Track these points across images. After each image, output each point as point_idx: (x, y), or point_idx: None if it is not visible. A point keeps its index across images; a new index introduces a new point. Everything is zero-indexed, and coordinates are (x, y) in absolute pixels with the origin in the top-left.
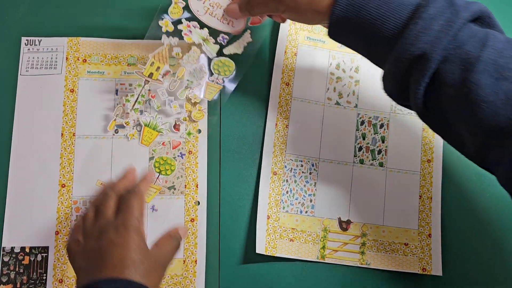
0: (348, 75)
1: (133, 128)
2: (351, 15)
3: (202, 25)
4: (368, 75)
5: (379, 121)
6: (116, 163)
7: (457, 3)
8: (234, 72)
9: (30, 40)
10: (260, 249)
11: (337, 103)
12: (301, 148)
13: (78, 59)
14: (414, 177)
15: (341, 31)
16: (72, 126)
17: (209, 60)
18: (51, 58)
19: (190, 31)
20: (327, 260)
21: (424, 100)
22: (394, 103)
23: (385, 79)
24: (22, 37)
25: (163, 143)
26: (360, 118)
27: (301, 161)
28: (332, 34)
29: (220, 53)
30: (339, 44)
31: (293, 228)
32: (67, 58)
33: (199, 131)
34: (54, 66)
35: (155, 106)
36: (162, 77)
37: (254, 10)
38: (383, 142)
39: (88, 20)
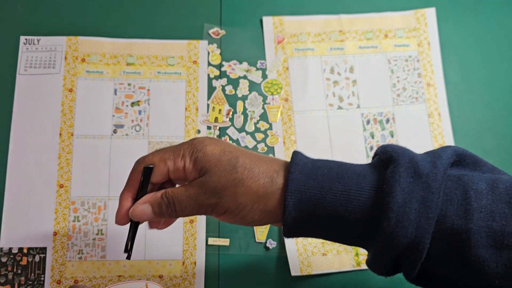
0: (344, 77)
1: None
2: (307, 211)
3: (241, 61)
4: (363, 73)
5: (384, 116)
6: (115, 163)
7: (423, 171)
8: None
9: (29, 39)
10: (295, 271)
11: (339, 107)
12: None
13: (76, 59)
14: None
15: (299, 231)
16: (71, 126)
17: (259, 86)
18: (50, 57)
19: (233, 69)
20: (363, 266)
21: (420, 277)
22: (395, 95)
23: (371, 265)
24: (21, 36)
25: None
26: (365, 117)
27: None
28: (289, 235)
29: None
30: (329, 48)
31: (323, 242)
32: (65, 58)
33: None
34: (53, 66)
35: None
36: (226, 117)
37: (177, 213)
38: (392, 136)
39: (87, 19)
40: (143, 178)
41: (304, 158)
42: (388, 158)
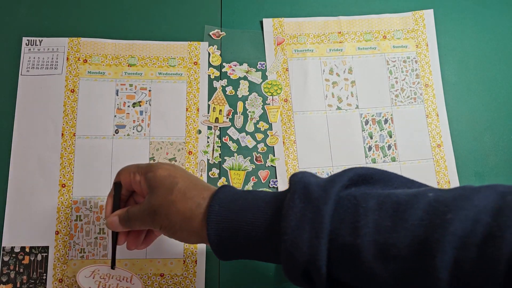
0: (343, 77)
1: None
2: (226, 236)
3: (241, 62)
4: (362, 74)
5: (383, 117)
6: (116, 163)
7: (313, 195)
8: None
9: (31, 40)
10: None
11: (338, 108)
12: (313, 160)
13: (78, 60)
14: (428, 165)
15: (227, 252)
16: (73, 126)
17: (259, 86)
18: (52, 58)
19: (233, 70)
20: None
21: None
22: (393, 95)
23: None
24: (23, 37)
25: (253, 178)
26: (364, 118)
27: (316, 173)
28: (221, 257)
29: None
30: (328, 49)
31: None
32: (67, 59)
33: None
34: (55, 66)
35: (232, 148)
36: (227, 117)
37: (132, 225)
38: (390, 137)
39: (89, 20)
40: (115, 192)
41: (227, 192)
42: (289, 187)
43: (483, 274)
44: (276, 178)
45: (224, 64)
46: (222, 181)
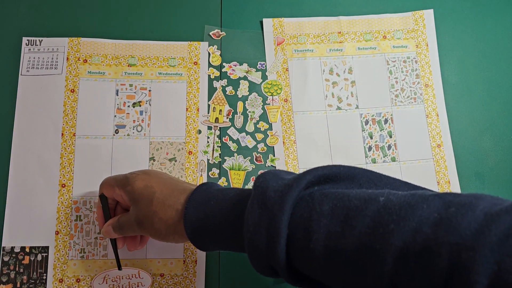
0: (342, 77)
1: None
2: (200, 234)
3: (241, 62)
4: (362, 73)
5: (383, 117)
6: (116, 163)
7: (269, 201)
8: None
9: (31, 40)
10: None
11: (338, 108)
12: (313, 160)
13: (78, 60)
14: (428, 165)
15: (202, 245)
16: (73, 126)
17: (259, 86)
18: (52, 58)
19: (233, 70)
20: None
21: (295, 278)
22: (393, 95)
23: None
24: (23, 37)
25: (253, 178)
26: (364, 118)
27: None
28: (199, 248)
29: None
30: (328, 49)
31: None
32: (67, 58)
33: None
34: (55, 66)
35: (232, 148)
36: (227, 117)
37: (125, 232)
38: (390, 137)
39: (89, 20)
40: (103, 204)
41: (201, 192)
42: (252, 190)
43: (422, 284)
44: None
45: (224, 64)
46: (222, 181)
